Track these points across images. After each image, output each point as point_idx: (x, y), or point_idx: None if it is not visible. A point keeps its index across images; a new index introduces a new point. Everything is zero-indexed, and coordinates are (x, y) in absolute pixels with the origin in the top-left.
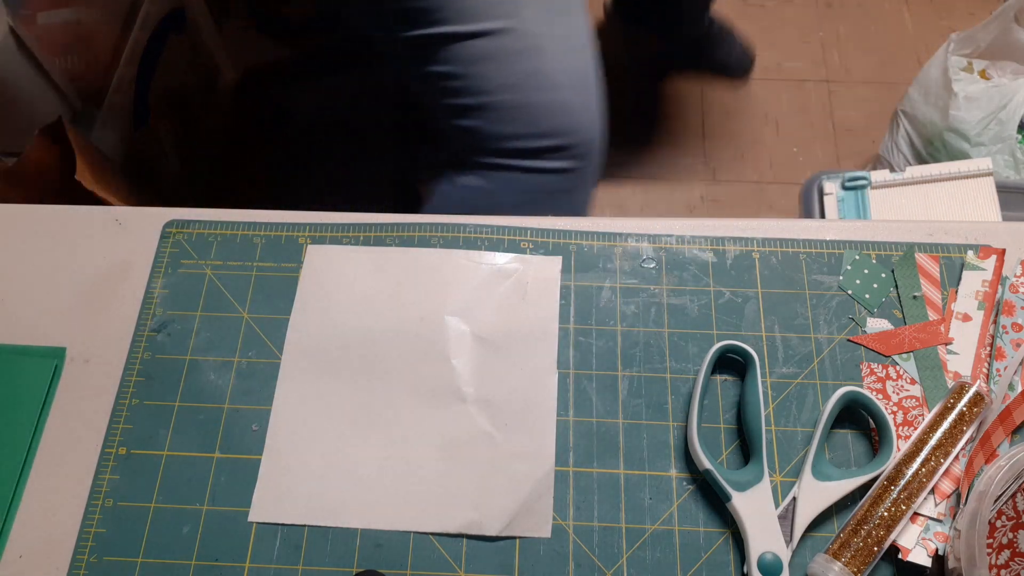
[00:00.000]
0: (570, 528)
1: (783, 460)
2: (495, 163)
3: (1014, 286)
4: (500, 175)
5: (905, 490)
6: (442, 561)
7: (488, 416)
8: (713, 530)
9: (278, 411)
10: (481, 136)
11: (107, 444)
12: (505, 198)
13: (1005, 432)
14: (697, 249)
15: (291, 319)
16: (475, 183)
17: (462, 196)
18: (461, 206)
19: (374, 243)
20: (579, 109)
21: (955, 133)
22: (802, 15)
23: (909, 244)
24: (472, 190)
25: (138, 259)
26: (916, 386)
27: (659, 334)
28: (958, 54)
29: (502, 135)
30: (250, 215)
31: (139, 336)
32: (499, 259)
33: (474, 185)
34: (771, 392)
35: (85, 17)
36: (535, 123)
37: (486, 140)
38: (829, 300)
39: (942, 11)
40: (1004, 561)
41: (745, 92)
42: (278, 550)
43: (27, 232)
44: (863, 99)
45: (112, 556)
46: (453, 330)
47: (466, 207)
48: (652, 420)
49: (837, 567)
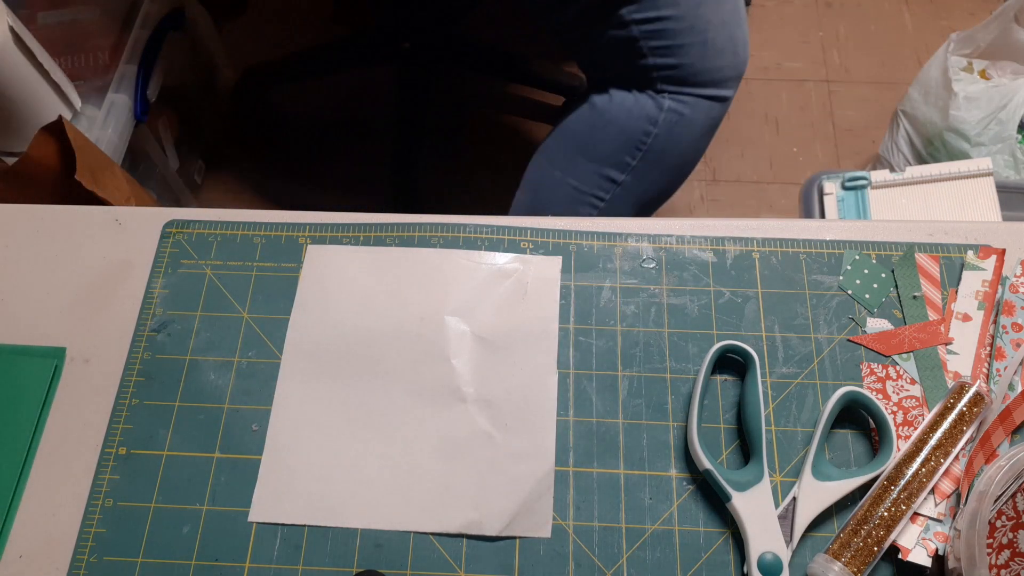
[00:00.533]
0: (570, 528)
1: (783, 460)
2: (693, 93)
3: (1014, 286)
4: (694, 101)
5: (905, 490)
6: (442, 561)
7: (488, 416)
8: (713, 530)
9: (278, 411)
10: (690, 71)
11: (107, 444)
12: (696, 123)
13: (1005, 432)
14: (697, 249)
15: (291, 319)
16: (676, 108)
17: (660, 118)
18: (652, 127)
19: (374, 243)
20: (747, 42)
21: (955, 133)
22: (802, 15)
23: (909, 244)
24: (672, 114)
25: (138, 259)
26: (916, 386)
27: (659, 334)
28: (958, 54)
29: (710, 68)
30: (250, 215)
31: (139, 336)
32: (499, 259)
33: (677, 109)
34: (771, 392)
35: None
36: (734, 54)
37: (695, 75)
38: (829, 300)
39: (942, 11)
40: (1004, 561)
41: (745, 92)
42: (278, 550)
43: (27, 232)
44: (863, 99)
45: (112, 556)
46: (453, 330)
47: (663, 128)
48: (652, 420)
49: (837, 567)
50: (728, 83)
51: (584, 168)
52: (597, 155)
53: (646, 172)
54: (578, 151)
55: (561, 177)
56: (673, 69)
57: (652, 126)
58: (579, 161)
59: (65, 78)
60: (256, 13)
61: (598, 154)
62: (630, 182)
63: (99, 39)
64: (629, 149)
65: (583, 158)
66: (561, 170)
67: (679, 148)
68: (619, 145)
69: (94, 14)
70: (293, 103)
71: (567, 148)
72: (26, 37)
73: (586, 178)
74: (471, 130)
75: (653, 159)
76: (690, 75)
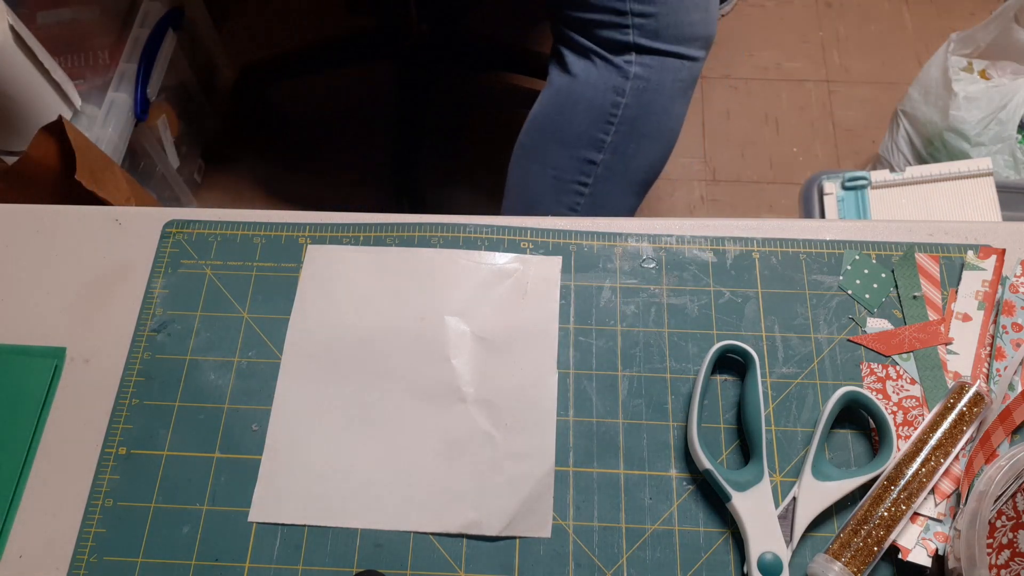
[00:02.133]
0: (570, 528)
1: (783, 460)
2: (662, 50)
3: (1014, 286)
4: (660, 62)
5: (905, 490)
6: (442, 561)
7: (488, 416)
8: (713, 530)
9: (278, 411)
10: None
11: (107, 444)
12: (664, 87)
13: (1005, 432)
14: (697, 249)
15: (291, 319)
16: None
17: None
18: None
19: (374, 243)
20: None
21: (955, 133)
22: (802, 15)
23: (909, 244)
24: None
25: (138, 259)
26: (916, 386)
27: (659, 334)
28: (958, 54)
29: (683, 21)
30: (250, 215)
31: (139, 336)
32: (499, 259)
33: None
34: (771, 392)
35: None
36: (706, 11)
37: (667, 27)
38: (829, 300)
39: (942, 11)
40: (1004, 561)
41: (745, 92)
42: (278, 550)
43: (27, 232)
44: (863, 99)
45: (112, 556)
46: (453, 330)
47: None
48: (652, 420)
49: (837, 567)
50: (698, 42)
51: (560, 154)
52: (570, 138)
53: (623, 146)
54: (551, 139)
55: (540, 170)
56: (649, 18)
57: (620, 96)
58: (553, 148)
59: (65, 77)
60: (256, 12)
61: (570, 137)
62: (610, 160)
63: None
64: (600, 125)
65: (556, 145)
66: (539, 163)
67: (653, 115)
68: (589, 123)
69: (94, 13)
70: (293, 102)
71: (540, 138)
72: (26, 36)
73: (564, 164)
74: (471, 130)
75: (627, 130)
76: (663, 27)
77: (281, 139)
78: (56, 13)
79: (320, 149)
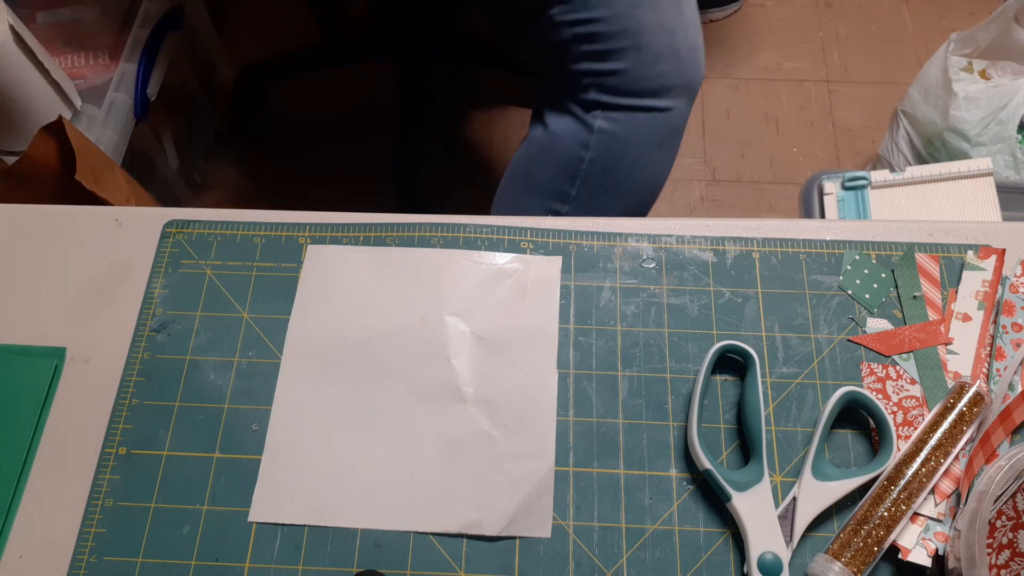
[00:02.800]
0: (570, 528)
1: (783, 460)
2: (629, 105)
3: (1014, 286)
4: (629, 116)
5: (905, 490)
6: (442, 561)
7: (488, 416)
8: (713, 530)
9: (278, 411)
10: (625, 79)
11: (107, 444)
12: (634, 140)
13: (1005, 432)
14: (697, 249)
15: (291, 319)
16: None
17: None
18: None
19: (374, 243)
20: (699, 48)
21: (955, 133)
22: (802, 15)
23: (909, 244)
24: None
25: (138, 259)
26: (916, 386)
27: (659, 334)
28: (958, 54)
29: (648, 75)
30: (250, 215)
31: (139, 336)
32: (499, 259)
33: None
34: (771, 392)
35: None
36: (678, 61)
37: (630, 82)
38: (829, 300)
39: (942, 11)
40: (1004, 561)
41: (745, 92)
42: (278, 550)
43: (27, 232)
44: (863, 99)
45: (112, 556)
46: (453, 330)
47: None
48: (652, 420)
49: (837, 567)
50: (671, 92)
51: (530, 204)
52: (540, 189)
53: (587, 200)
54: (525, 187)
55: (515, 213)
56: (607, 76)
57: (584, 150)
58: (525, 196)
59: (65, 77)
60: (256, 12)
61: (540, 188)
62: (574, 212)
63: (99, 38)
64: (567, 178)
65: (528, 194)
66: (514, 207)
67: (619, 170)
68: (556, 175)
69: (94, 13)
70: (293, 102)
71: (515, 186)
72: (26, 36)
73: (534, 212)
74: (471, 130)
75: (594, 185)
76: (624, 83)
77: (281, 139)
78: (56, 13)
79: (320, 149)
